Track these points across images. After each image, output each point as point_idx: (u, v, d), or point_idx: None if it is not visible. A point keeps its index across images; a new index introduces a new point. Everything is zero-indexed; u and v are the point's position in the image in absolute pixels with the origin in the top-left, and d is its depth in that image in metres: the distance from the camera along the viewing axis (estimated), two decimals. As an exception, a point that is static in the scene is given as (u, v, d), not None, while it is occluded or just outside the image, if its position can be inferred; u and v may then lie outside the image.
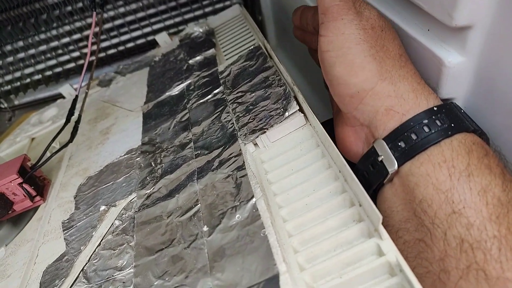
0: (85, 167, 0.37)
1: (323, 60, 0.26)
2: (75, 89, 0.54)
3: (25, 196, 0.35)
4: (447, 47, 0.23)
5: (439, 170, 0.22)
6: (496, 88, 0.23)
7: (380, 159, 0.24)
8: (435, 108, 0.23)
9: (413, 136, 0.23)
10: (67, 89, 0.53)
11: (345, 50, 0.25)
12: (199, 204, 0.26)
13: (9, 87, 0.55)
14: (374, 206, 0.19)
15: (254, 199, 0.24)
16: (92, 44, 0.39)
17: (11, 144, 0.50)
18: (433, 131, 0.23)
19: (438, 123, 0.23)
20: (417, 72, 0.25)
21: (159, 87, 0.43)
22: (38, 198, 0.35)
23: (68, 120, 0.37)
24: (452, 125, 0.22)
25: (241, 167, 0.27)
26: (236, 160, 0.27)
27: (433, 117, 0.23)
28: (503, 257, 0.18)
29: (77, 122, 0.37)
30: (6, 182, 0.33)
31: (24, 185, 0.34)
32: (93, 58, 0.39)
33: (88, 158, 0.38)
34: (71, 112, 0.38)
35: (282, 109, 0.29)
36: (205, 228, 0.24)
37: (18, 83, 0.55)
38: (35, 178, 0.36)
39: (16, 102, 0.61)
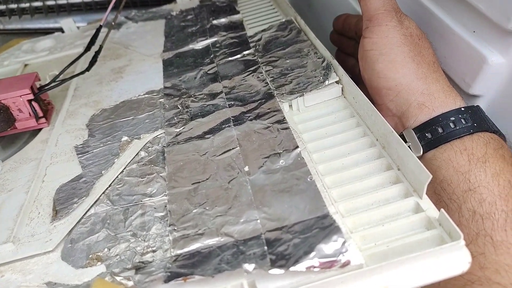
0: (96, 99, 0.36)
1: (366, 57, 0.29)
2: (78, 27, 0.51)
3: (30, 115, 0.33)
4: (491, 48, 0.26)
5: (460, 156, 0.25)
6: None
7: (407, 145, 0.27)
8: (462, 109, 0.26)
9: (439, 130, 0.26)
10: (68, 24, 0.51)
11: (388, 50, 0.28)
12: (237, 148, 0.26)
13: (4, 7, 0.51)
14: (423, 165, 0.21)
15: (299, 149, 0.25)
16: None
17: (-2, 66, 0.46)
18: (457, 128, 0.26)
19: (463, 122, 0.26)
20: (446, 78, 0.28)
21: (180, 39, 0.42)
22: (43, 120, 0.34)
23: (88, 49, 0.36)
24: (475, 124, 0.26)
25: (282, 121, 0.27)
26: (275, 115, 0.28)
27: (459, 116, 0.26)
28: (508, 226, 0.22)
29: (98, 52, 0.35)
30: (16, 96, 0.31)
31: (33, 103, 0.32)
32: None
33: (99, 92, 0.37)
34: (92, 41, 0.36)
35: (321, 78, 0.30)
36: (247, 168, 0.25)
37: (15, 6, 0.51)
38: (40, 100, 0.34)
39: (1, 26, 0.56)
